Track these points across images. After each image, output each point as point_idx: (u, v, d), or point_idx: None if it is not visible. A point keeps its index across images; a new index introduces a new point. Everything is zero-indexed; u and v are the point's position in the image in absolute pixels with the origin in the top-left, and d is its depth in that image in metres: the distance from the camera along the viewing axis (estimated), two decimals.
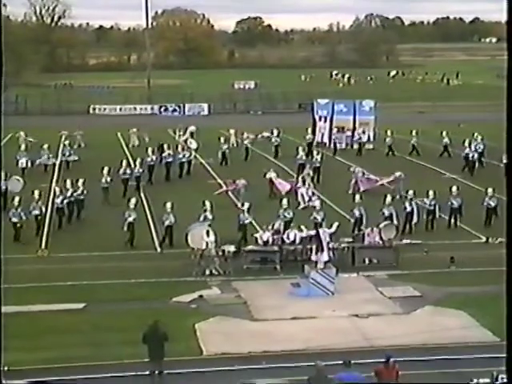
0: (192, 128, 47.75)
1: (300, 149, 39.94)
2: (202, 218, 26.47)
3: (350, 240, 25.39)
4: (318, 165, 37.86)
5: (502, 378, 15.83)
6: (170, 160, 38.63)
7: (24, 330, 18.64)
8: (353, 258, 24.76)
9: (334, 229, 24.50)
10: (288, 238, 24.89)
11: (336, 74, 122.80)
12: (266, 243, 24.71)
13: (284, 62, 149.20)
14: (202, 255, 23.95)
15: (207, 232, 24.27)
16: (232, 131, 47.67)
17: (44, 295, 21.58)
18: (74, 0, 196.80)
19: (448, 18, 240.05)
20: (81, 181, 31.04)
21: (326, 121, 49.79)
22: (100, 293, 22.06)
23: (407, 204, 28.57)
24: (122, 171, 34.86)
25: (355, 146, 47.63)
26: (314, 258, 22.69)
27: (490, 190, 29.47)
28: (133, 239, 26.70)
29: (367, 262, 24.71)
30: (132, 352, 17.15)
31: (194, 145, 43.00)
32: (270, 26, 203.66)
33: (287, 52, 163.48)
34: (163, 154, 39.11)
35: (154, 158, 38.14)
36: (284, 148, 44.96)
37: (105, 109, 75.43)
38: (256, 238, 25.08)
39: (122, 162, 35.55)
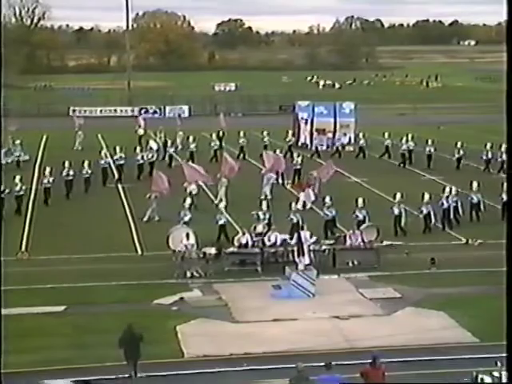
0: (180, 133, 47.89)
1: (278, 151, 39.91)
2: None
3: (331, 242, 25.47)
4: (298, 167, 37.94)
5: (482, 379, 15.98)
6: (121, 162, 38.95)
7: (5, 333, 18.50)
8: (334, 260, 24.82)
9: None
10: (269, 240, 24.90)
11: (317, 77, 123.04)
12: (245, 246, 24.71)
13: (265, 64, 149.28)
14: (183, 257, 23.93)
15: (187, 234, 24.26)
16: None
17: (24, 298, 21.44)
18: (54, 1, 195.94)
19: (427, 20, 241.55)
20: (17, 177, 32.06)
21: (306, 123, 49.90)
22: (81, 295, 21.96)
23: (395, 207, 28.69)
24: (64, 172, 35.16)
25: (348, 148, 47.71)
26: (295, 259, 22.73)
27: (447, 190, 29.84)
28: None
29: (349, 263, 24.76)
30: (114, 354, 17.08)
31: (154, 146, 42.98)
32: (250, 28, 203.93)
33: (268, 54, 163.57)
34: (114, 157, 39.46)
35: (107, 160, 38.70)
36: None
37: (85, 111, 75.13)
38: (235, 240, 25.02)
39: (64, 163, 35.59)
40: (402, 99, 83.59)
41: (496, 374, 16.31)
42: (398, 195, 28.96)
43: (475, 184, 30.93)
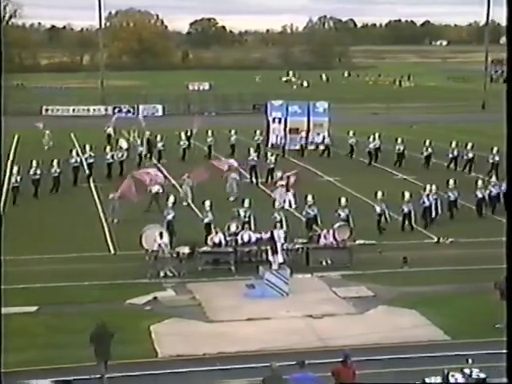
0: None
1: (252, 150, 40.12)
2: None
3: (305, 241, 25.54)
4: (271, 166, 38.02)
5: (453, 376, 16.14)
6: (91, 161, 39.01)
7: None
8: (307, 259, 24.90)
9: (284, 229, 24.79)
10: (242, 239, 24.92)
11: (290, 76, 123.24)
12: (219, 245, 24.71)
13: (238, 63, 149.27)
14: (157, 257, 23.88)
15: (161, 234, 24.21)
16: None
17: None
18: None
19: (400, 20, 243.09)
20: None
21: (280, 122, 49.99)
22: (53, 295, 21.84)
23: (377, 206, 28.84)
24: (32, 171, 35.06)
25: (310, 147, 47.99)
26: (268, 258, 22.78)
27: (427, 188, 30.13)
28: None
29: (322, 262, 24.85)
30: (87, 354, 16.99)
31: (124, 145, 42.94)
32: (223, 27, 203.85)
33: (241, 53, 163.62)
34: (84, 156, 39.44)
35: (78, 159, 38.67)
36: (240, 148, 45.11)
37: (58, 110, 74.64)
38: (208, 240, 24.99)
39: (32, 162, 35.41)
40: (375, 99, 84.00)
41: (467, 371, 16.49)
42: (380, 194, 29.14)
43: (452, 182, 31.28)
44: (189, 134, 47.41)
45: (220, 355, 17.96)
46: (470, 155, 40.63)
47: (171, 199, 28.22)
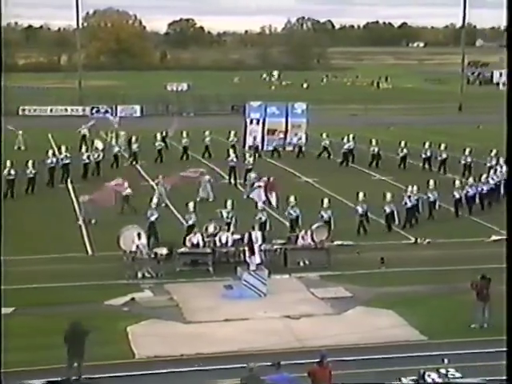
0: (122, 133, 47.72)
1: (231, 151, 40.16)
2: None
3: (283, 242, 25.60)
4: (250, 167, 38.04)
5: (429, 375, 16.27)
6: (67, 162, 38.85)
7: None
8: (285, 260, 24.95)
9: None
10: (220, 240, 24.93)
11: (269, 77, 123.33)
12: (197, 246, 24.70)
13: (217, 64, 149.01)
14: (134, 258, 23.82)
15: (139, 234, 24.16)
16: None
17: None
18: None
19: (377, 22, 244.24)
20: None
21: (258, 123, 50.01)
22: (29, 297, 21.71)
23: (359, 206, 28.96)
24: (6, 172, 34.86)
25: (288, 148, 48.08)
26: (246, 259, 22.81)
27: (409, 189, 30.28)
28: None
29: (300, 263, 24.92)
30: (65, 355, 16.91)
31: (100, 145, 42.88)
32: (202, 28, 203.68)
33: (220, 54, 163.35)
34: (60, 156, 39.32)
35: (54, 160, 38.49)
36: (218, 149, 45.13)
37: (35, 110, 74.16)
38: (187, 241, 24.97)
39: (5, 162, 35.26)
40: (353, 100, 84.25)
41: (443, 371, 16.65)
42: (361, 195, 29.26)
43: (431, 182, 31.49)
44: (164, 134, 47.37)
45: (198, 356, 17.95)
46: (444, 156, 41.05)
47: (154, 200, 28.26)
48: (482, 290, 19.68)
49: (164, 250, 24.38)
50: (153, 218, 27.17)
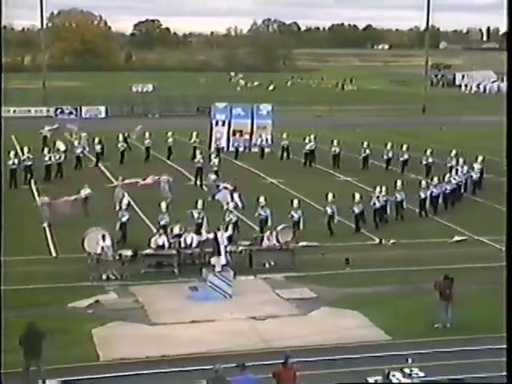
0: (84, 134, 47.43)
1: (197, 152, 40.12)
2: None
3: (248, 243, 25.63)
4: (215, 169, 38.04)
5: (394, 375, 16.40)
6: (29, 163, 38.57)
7: None
8: (250, 261, 24.98)
9: (230, 231, 24.88)
10: (185, 241, 24.88)
11: (235, 78, 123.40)
12: (162, 247, 24.63)
13: (182, 65, 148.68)
14: (99, 260, 23.69)
15: (103, 236, 24.03)
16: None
17: None
18: None
19: (343, 24, 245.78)
20: None
21: (224, 124, 50.01)
22: None
23: (328, 207, 29.05)
24: None
25: (253, 150, 48.17)
26: (212, 261, 22.79)
27: (377, 190, 30.47)
28: None
29: (265, 264, 24.96)
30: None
31: (62, 147, 42.64)
32: (168, 28, 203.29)
33: (185, 55, 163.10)
34: (22, 157, 39.16)
35: (16, 161, 38.18)
36: (182, 151, 45.06)
37: None
38: (151, 242, 24.88)
39: None
40: (318, 101, 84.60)
41: (407, 370, 16.80)
42: (330, 195, 29.39)
43: (399, 183, 31.75)
44: (126, 135, 47.23)
45: (163, 358, 17.90)
46: (406, 157, 41.51)
47: (125, 201, 28.16)
48: (444, 290, 19.88)
49: (129, 252, 24.30)
50: (124, 219, 27.20)
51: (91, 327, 19.52)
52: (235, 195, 31.46)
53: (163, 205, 27.78)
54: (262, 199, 28.67)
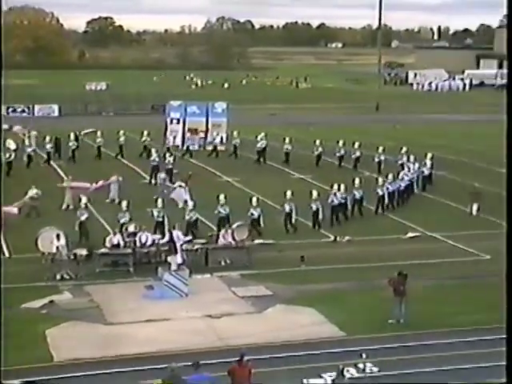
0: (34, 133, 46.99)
1: (153, 151, 39.98)
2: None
3: (204, 241, 25.64)
4: (170, 166, 37.96)
5: (348, 370, 16.59)
6: None
7: None
8: (206, 259, 25.00)
9: (191, 230, 24.95)
10: (140, 240, 24.79)
11: (190, 76, 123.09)
12: (117, 246, 24.51)
13: (136, 63, 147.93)
14: (54, 259, 23.48)
15: (58, 236, 23.82)
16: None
17: None
18: None
19: (296, 22, 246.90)
20: None
21: (178, 123, 49.90)
22: None
23: (286, 204, 29.17)
24: None
25: (208, 148, 48.17)
26: (168, 259, 22.76)
27: (335, 187, 30.71)
28: None
29: (221, 262, 24.99)
30: None
31: (12, 146, 42.18)
32: (121, 26, 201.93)
33: (139, 53, 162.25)
34: None
35: None
36: (136, 149, 44.88)
37: None
38: (106, 241, 24.75)
39: None
40: (273, 99, 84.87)
41: (360, 365, 17.01)
42: (289, 193, 29.50)
43: (357, 180, 32.02)
44: (78, 134, 46.90)
45: (119, 357, 17.83)
46: (358, 154, 41.96)
47: (84, 200, 27.93)
48: (398, 286, 20.13)
49: (84, 251, 24.13)
50: (83, 218, 27.06)
51: (45, 328, 19.33)
52: (187, 193, 31.57)
53: (124, 204, 27.64)
54: (221, 197, 28.68)
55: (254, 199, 28.97)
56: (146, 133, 46.08)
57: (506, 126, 15.44)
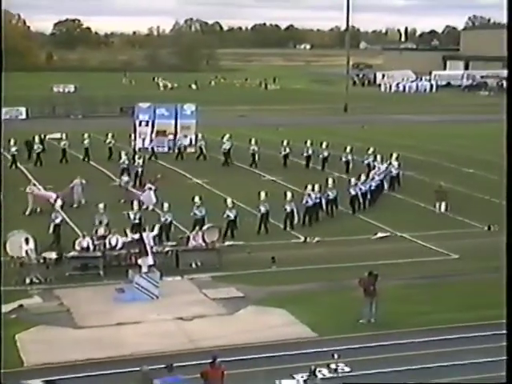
0: None
1: (123, 153, 39.79)
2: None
3: (174, 243, 25.57)
4: (139, 169, 37.83)
5: (320, 371, 16.64)
6: None
7: None
8: (177, 261, 24.93)
9: (156, 231, 24.82)
10: (110, 243, 24.66)
11: (158, 78, 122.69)
12: (86, 249, 24.35)
13: (104, 65, 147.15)
14: (22, 263, 23.27)
15: (27, 239, 23.61)
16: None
17: None
18: None
19: (265, 24, 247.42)
20: None
21: (147, 125, 49.73)
22: None
23: (261, 206, 29.20)
24: None
25: (177, 150, 48.07)
26: (138, 262, 22.66)
27: (309, 188, 30.80)
28: None
29: (192, 264, 24.94)
30: None
31: None
32: (89, 28, 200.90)
33: (107, 55, 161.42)
34: None
35: None
36: (104, 151, 44.66)
37: None
38: (76, 244, 24.57)
39: None
40: (242, 101, 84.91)
41: (333, 366, 17.06)
42: (263, 194, 29.54)
43: (331, 180, 32.13)
44: (43, 137, 46.52)
45: (90, 361, 17.72)
46: (325, 154, 42.18)
47: (59, 202, 27.73)
48: (369, 286, 20.24)
49: (53, 255, 23.93)
50: (57, 221, 26.90)
51: (15, 332, 19.14)
52: (152, 193, 31.52)
53: (101, 206, 27.48)
54: (197, 199, 28.63)
55: (229, 200, 28.90)
56: (110, 135, 45.87)
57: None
